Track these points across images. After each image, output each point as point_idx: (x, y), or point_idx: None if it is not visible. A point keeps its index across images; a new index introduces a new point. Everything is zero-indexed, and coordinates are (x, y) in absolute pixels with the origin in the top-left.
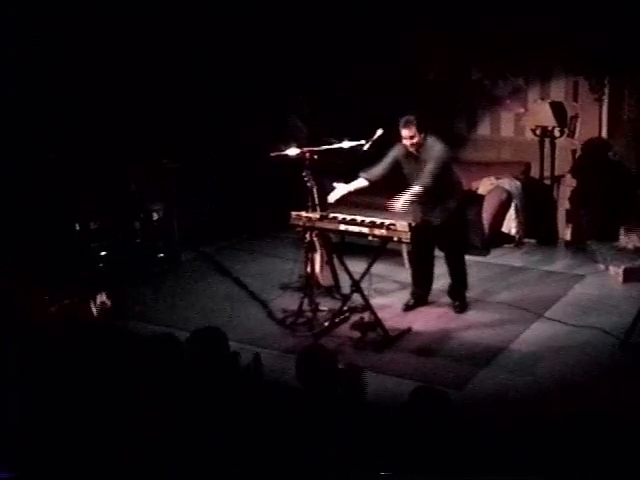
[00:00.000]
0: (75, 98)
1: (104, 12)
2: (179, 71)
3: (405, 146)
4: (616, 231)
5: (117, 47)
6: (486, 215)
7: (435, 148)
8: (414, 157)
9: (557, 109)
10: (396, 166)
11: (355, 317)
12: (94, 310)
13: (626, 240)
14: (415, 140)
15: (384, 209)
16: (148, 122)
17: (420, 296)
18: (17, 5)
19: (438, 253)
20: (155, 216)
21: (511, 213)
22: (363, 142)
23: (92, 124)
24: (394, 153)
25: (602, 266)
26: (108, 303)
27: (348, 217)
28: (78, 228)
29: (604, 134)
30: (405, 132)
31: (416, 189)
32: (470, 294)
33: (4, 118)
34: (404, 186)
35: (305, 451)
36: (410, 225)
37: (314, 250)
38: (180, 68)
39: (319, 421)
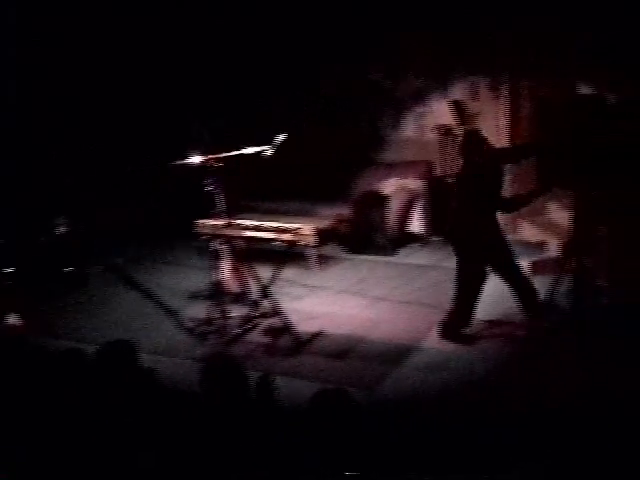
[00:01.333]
0: None
1: None
2: (80, 83)
3: None
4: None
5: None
6: (392, 215)
7: None
8: None
9: (458, 108)
10: None
11: (265, 323)
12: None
13: (528, 234)
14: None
15: (294, 214)
16: (48, 136)
17: None
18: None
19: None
20: (61, 230)
21: (416, 213)
22: (266, 148)
23: None
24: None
25: None
26: (20, 323)
27: (254, 223)
28: None
29: (504, 131)
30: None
31: None
32: (378, 293)
33: None
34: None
35: (218, 457)
36: (316, 228)
37: (221, 257)
38: (81, 80)
39: (230, 428)
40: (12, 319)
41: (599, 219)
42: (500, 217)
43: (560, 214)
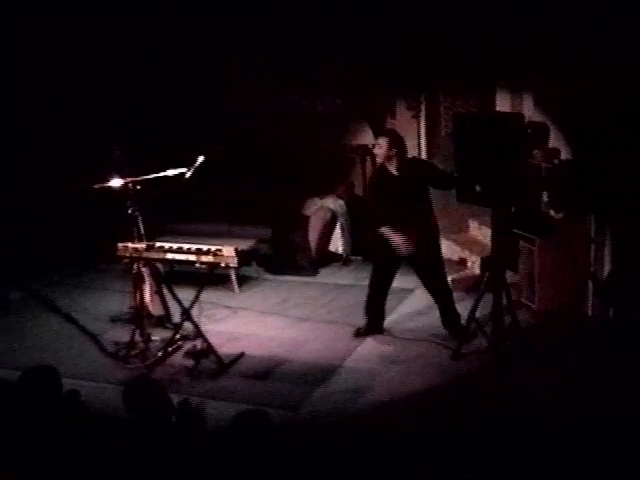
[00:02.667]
0: None
1: None
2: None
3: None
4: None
5: None
6: (312, 235)
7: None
8: (393, 178)
9: (376, 127)
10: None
11: (188, 345)
12: None
13: (449, 251)
14: (380, 151)
15: (214, 235)
16: None
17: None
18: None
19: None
20: None
21: (337, 232)
22: (185, 170)
23: None
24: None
25: None
26: None
27: (174, 246)
28: None
29: (423, 150)
30: (379, 141)
31: None
32: (300, 314)
33: None
34: None
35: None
36: (236, 250)
37: (142, 280)
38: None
39: (153, 452)
40: None
41: (519, 235)
42: None
43: (480, 231)
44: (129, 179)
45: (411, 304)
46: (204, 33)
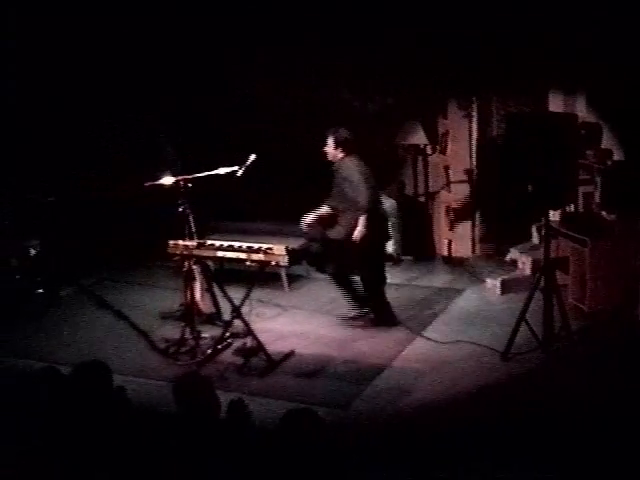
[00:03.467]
0: None
1: None
2: (47, 103)
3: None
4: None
5: None
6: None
7: (350, 172)
8: (334, 174)
9: (428, 127)
10: None
11: (237, 343)
12: None
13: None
14: (327, 149)
15: (265, 234)
16: (19, 157)
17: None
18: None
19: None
20: (32, 251)
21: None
22: (237, 168)
23: None
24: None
25: (480, 279)
26: None
27: (225, 244)
28: None
29: (474, 150)
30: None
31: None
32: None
33: None
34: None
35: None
36: (287, 248)
37: (193, 278)
38: (47, 101)
39: (201, 448)
40: None
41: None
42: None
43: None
44: (180, 177)
45: (461, 304)
46: (251, 31)
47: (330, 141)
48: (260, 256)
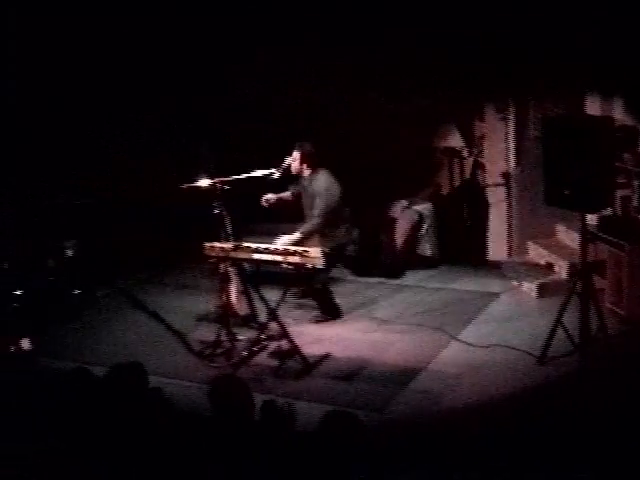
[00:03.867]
0: None
1: None
2: (84, 104)
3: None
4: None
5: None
6: (399, 238)
7: (321, 184)
8: (304, 188)
9: (464, 130)
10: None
11: (273, 345)
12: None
13: (536, 255)
14: (294, 164)
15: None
16: (56, 158)
17: None
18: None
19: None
20: (69, 253)
21: (424, 234)
22: (274, 170)
23: None
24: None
25: (516, 283)
26: (28, 346)
27: (261, 246)
28: None
29: (511, 153)
30: (293, 153)
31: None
32: (385, 316)
33: None
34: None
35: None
36: (323, 251)
37: (229, 280)
38: (84, 101)
39: (236, 450)
40: (22, 342)
41: (608, 240)
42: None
43: (568, 235)
44: (217, 179)
45: (497, 308)
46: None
47: (296, 155)
48: (296, 258)
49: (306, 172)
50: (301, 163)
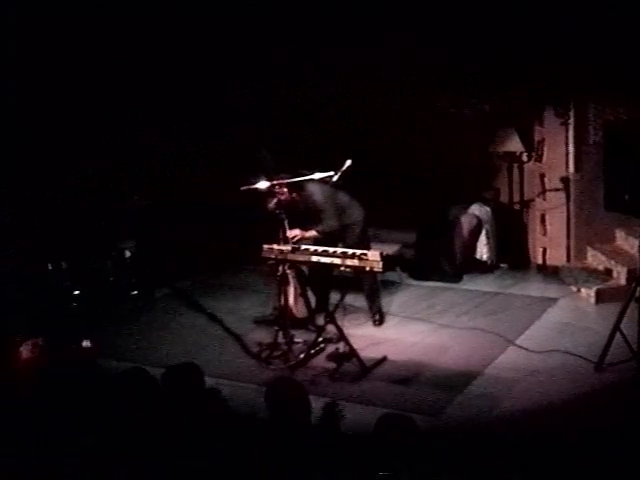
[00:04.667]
0: (39, 134)
1: None
2: (145, 107)
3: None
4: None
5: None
6: (457, 241)
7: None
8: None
9: (524, 134)
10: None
11: (330, 348)
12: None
13: (595, 261)
14: (282, 197)
15: None
16: (116, 159)
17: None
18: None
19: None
20: (127, 253)
21: (482, 239)
22: (332, 173)
23: (60, 163)
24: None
25: (574, 288)
26: (89, 346)
27: (320, 248)
28: (50, 268)
29: (571, 158)
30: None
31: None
32: (444, 321)
33: None
34: None
35: None
36: (382, 254)
37: (287, 282)
38: (145, 104)
39: (292, 453)
40: (85, 343)
41: None
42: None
43: (628, 241)
44: (275, 181)
45: (555, 313)
46: (346, 33)
47: (283, 189)
48: (354, 261)
49: (292, 196)
50: (290, 193)
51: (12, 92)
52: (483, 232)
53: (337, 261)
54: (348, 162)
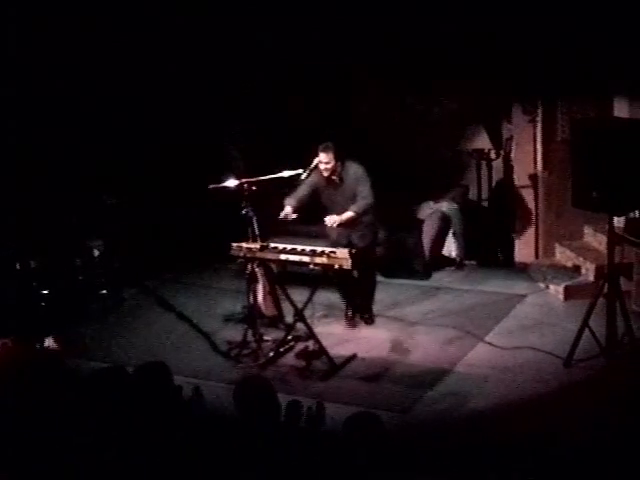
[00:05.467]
0: (6, 133)
1: None
2: (113, 105)
3: (323, 174)
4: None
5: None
6: (426, 239)
7: (357, 170)
8: (334, 184)
9: (492, 132)
10: (314, 193)
11: (300, 346)
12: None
13: (563, 258)
14: (330, 166)
15: (322, 237)
16: (86, 158)
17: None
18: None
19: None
20: (96, 252)
21: (451, 236)
22: (301, 171)
23: (28, 161)
24: (313, 180)
25: (542, 285)
26: (56, 346)
27: (288, 246)
28: (18, 267)
29: (539, 155)
30: (323, 156)
31: (354, 212)
32: (413, 318)
33: None
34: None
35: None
36: (350, 252)
37: (256, 281)
38: (114, 103)
39: (260, 451)
40: (48, 341)
41: (635, 244)
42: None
43: (596, 238)
44: (244, 180)
45: (523, 310)
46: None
47: (328, 156)
48: (323, 259)
49: (337, 169)
50: (336, 162)
51: None
52: (452, 229)
53: (306, 259)
54: (316, 160)
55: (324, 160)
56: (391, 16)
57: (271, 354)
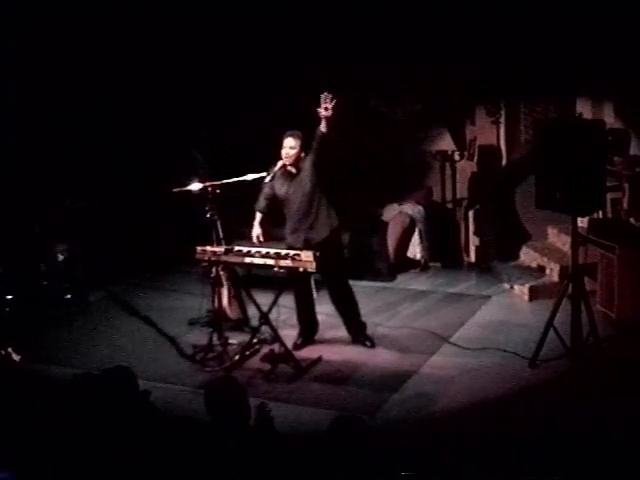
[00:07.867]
0: None
1: None
2: (78, 109)
3: (281, 168)
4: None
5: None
6: (390, 241)
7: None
8: (290, 175)
9: (456, 133)
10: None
11: (265, 349)
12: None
13: (528, 258)
14: (294, 152)
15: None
16: (48, 163)
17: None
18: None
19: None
20: (60, 257)
21: (415, 238)
22: (265, 174)
23: None
24: (269, 179)
25: (507, 286)
26: (16, 357)
27: (253, 250)
28: None
29: (503, 156)
30: (289, 141)
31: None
32: (378, 320)
33: None
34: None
35: None
36: (315, 255)
37: (221, 284)
38: (79, 106)
39: (230, 454)
40: (11, 348)
41: (598, 243)
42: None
43: (560, 238)
44: (208, 183)
45: (488, 311)
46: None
47: (295, 142)
48: (288, 262)
49: (300, 158)
50: (301, 151)
51: None
52: (416, 231)
53: (270, 262)
54: (280, 163)
55: (289, 145)
56: (355, 16)
57: (237, 357)
